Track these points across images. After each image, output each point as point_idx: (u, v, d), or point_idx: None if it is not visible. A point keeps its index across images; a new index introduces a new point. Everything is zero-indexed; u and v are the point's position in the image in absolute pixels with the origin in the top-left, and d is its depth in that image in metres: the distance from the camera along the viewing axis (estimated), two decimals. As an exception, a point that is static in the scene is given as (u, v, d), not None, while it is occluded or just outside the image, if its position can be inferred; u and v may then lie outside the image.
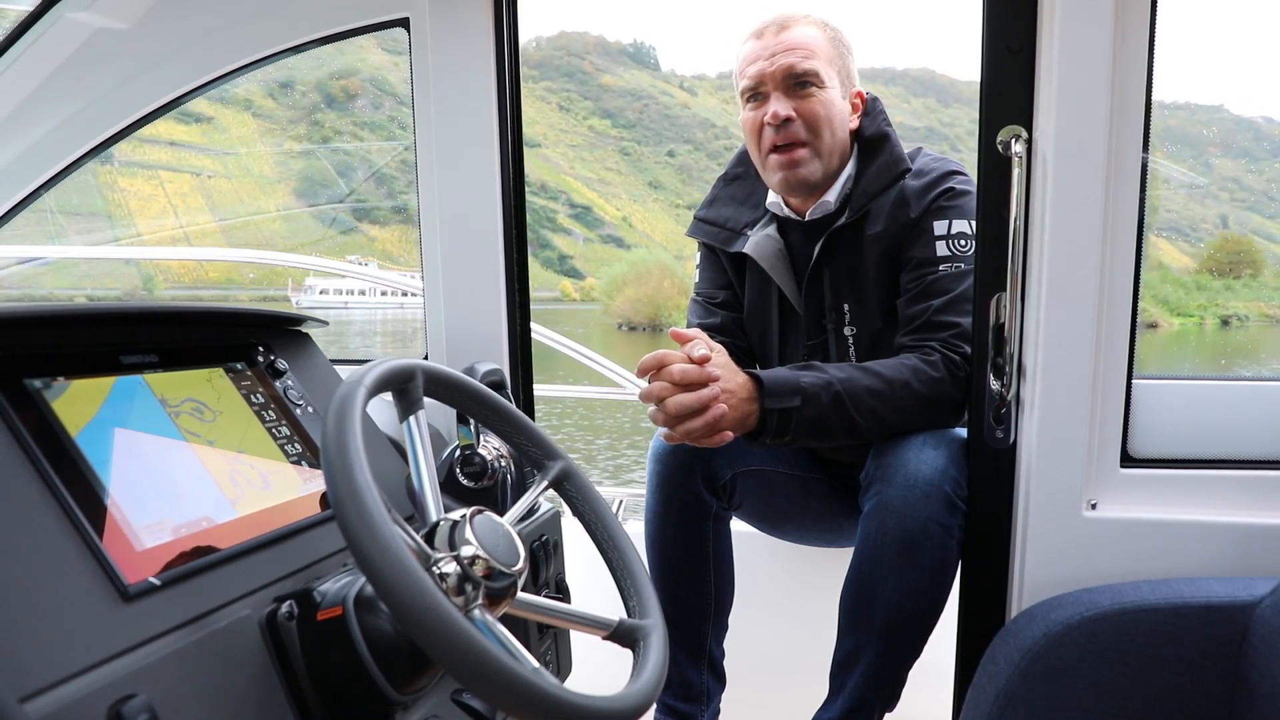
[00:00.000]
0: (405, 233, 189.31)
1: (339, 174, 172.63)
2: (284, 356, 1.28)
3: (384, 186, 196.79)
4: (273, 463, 1.12)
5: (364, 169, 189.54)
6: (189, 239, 30.39)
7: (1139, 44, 1.29)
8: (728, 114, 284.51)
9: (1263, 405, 1.42)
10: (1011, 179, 1.31)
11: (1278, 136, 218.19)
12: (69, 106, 1.89)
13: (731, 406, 1.45)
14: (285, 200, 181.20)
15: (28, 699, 0.67)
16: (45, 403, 0.88)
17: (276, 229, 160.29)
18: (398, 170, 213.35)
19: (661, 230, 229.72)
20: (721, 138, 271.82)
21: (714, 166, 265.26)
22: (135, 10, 1.78)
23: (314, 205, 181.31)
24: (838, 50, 1.69)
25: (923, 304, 1.59)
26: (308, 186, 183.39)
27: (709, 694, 1.75)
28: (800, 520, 1.86)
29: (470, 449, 1.44)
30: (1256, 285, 76.66)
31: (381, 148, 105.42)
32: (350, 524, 0.76)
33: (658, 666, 0.98)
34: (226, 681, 0.85)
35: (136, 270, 70.22)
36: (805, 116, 1.64)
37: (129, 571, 0.83)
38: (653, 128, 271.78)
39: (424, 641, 0.74)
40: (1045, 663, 1.24)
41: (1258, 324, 65.90)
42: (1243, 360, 33.48)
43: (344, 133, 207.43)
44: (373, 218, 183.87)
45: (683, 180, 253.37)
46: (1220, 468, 1.39)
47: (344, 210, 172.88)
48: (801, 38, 1.65)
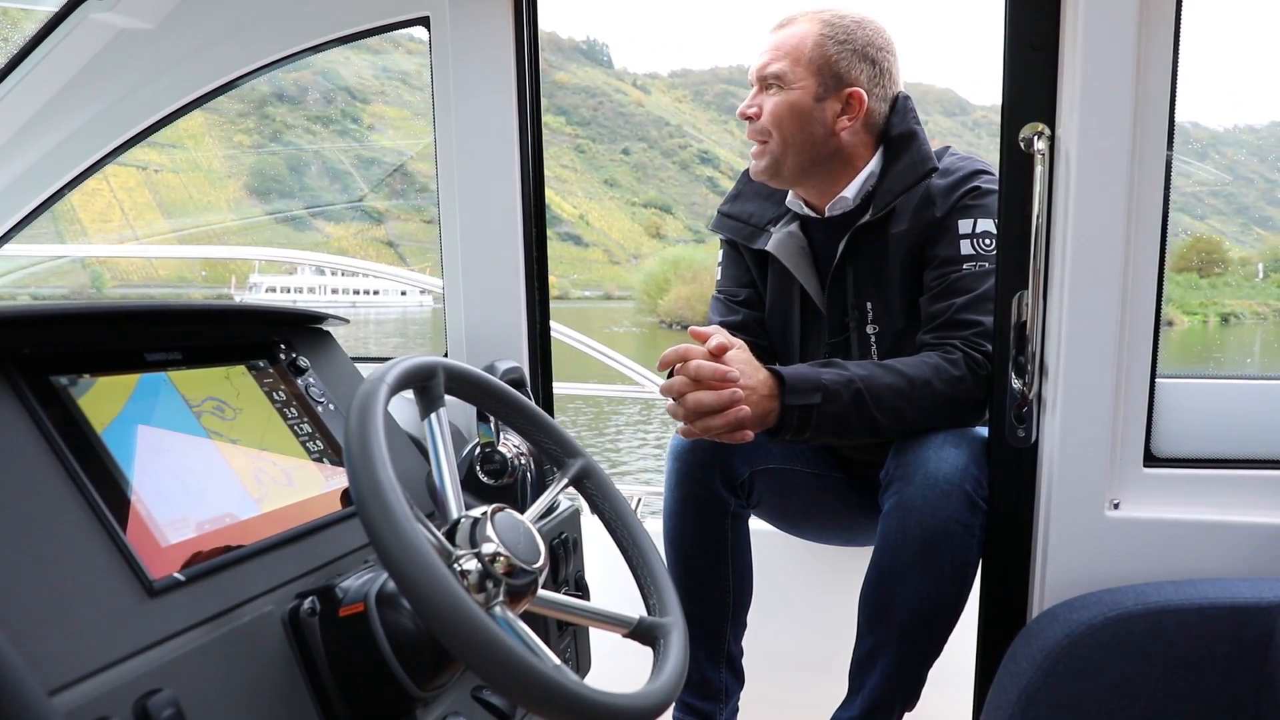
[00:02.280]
0: (362, 230, 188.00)
1: (291, 170, 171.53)
2: (305, 354, 1.29)
3: (338, 183, 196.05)
4: (295, 460, 1.13)
5: (318, 165, 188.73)
6: (137, 236, 29.95)
7: (1164, 40, 1.28)
8: (681, 112, 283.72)
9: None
10: (1034, 176, 1.30)
11: (1204, 140, 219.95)
12: (93, 107, 1.91)
13: (752, 403, 1.45)
14: (236, 196, 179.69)
15: (56, 692, 0.68)
16: (71, 399, 0.88)
17: (227, 225, 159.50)
18: (352, 167, 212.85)
19: (619, 228, 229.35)
20: (675, 136, 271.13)
21: (669, 165, 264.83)
22: (159, 11, 1.80)
23: (266, 201, 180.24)
24: (823, 50, 1.65)
25: (945, 302, 1.58)
26: (259, 182, 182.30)
27: (727, 692, 1.75)
28: (819, 519, 1.86)
29: (490, 446, 1.44)
30: (1237, 284, 76.53)
31: (335, 143, 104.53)
32: (373, 521, 0.76)
33: (678, 665, 0.98)
34: (250, 676, 0.86)
35: (83, 268, 69.32)
36: (766, 114, 1.69)
37: (154, 567, 0.84)
38: (607, 125, 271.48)
39: (446, 638, 0.74)
40: (1068, 663, 1.23)
41: (1252, 321, 66.13)
42: (1269, 357, 33.21)
43: (295, 127, 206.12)
44: (328, 215, 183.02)
45: (638, 178, 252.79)
46: (1245, 467, 1.37)
47: (299, 207, 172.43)
48: (784, 37, 1.68)
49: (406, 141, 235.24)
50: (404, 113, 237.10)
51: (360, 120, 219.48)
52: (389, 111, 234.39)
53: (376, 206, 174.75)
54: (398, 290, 78.43)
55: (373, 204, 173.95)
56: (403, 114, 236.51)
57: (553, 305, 1.85)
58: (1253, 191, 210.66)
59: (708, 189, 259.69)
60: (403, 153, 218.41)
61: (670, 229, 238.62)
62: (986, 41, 2.40)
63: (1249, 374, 1.44)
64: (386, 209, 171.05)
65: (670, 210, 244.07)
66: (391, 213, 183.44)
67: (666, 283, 70.32)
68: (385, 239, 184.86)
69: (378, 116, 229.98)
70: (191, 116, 1.91)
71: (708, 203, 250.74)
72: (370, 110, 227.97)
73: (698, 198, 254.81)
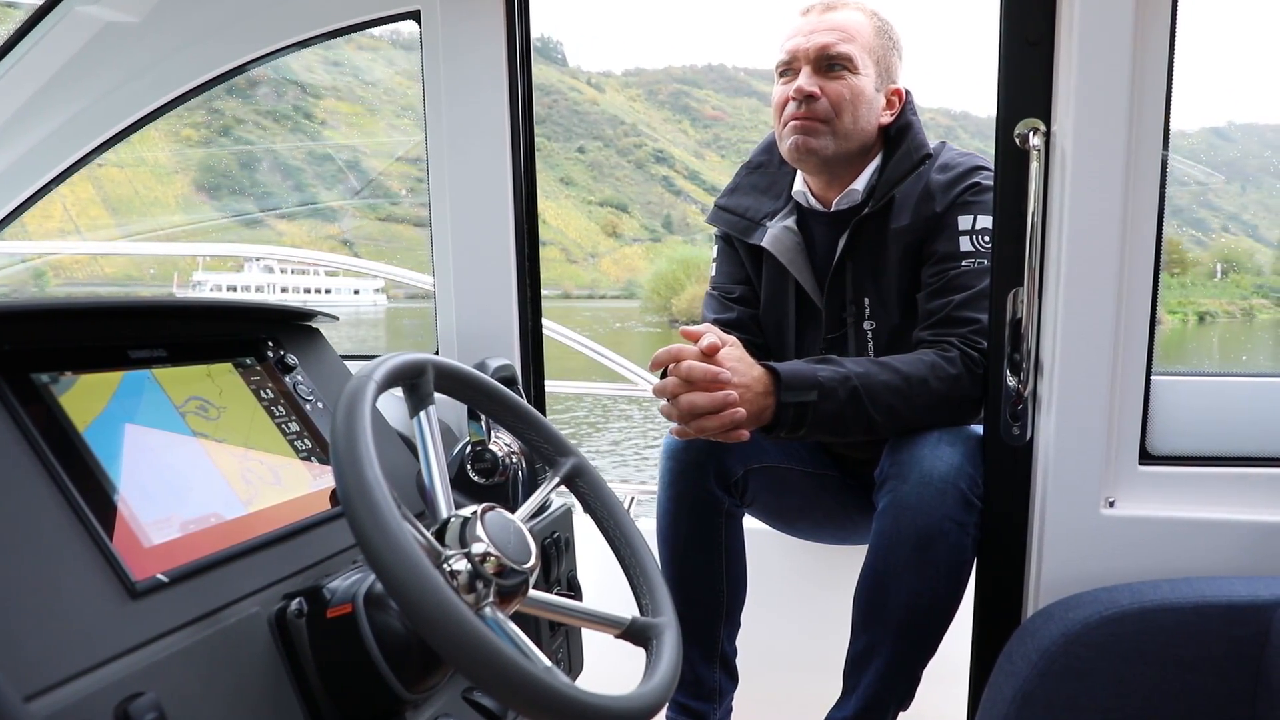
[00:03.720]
0: (315, 227, 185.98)
1: (242, 166, 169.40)
2: (294, 351, 1.27)
3: (291, 179, 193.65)
4: (282, 459, 1.12)
5: (269, 161, 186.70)
6: (80, 231, 29.13)
7: (1160, 36, 1.27)
8: (635, 111, 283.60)
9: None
10: (1029, 172, 1.29)
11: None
12: (80, 100, 1.89)
13: (747, 400, 1.43)
14: (184, 192, 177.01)
15: (33, 697, 0.67)
16: (52, 397, 0.87)
17: (176, 220, 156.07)
18: (304, 163, 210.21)
19: (575, 227, 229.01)
20: (630, 135, 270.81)
21: (624, 163, 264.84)
22: (145, 4, 1.78)
23: (216, 198, 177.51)
24: (881, 41, 1.67)
25: (943, 299, 1.58)
26: (209, 178, 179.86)
27: (721, 692, 1.74)
28: (814, 517, 1.85)
29: (481, 445, 1.43)
30: (1201, 283, 77.59)
31: (287, 140, 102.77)
32: (360, 521, 0.75)
33: (671, 665, 0.97)
34: (235, 679, 0.84)
35: (24, 265, 68.35)
36: (830, 96, 1.63)
37: (136, 568, 0.82)
38: (562, 123, 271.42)
39: (434, 640, 0.73)
40: (1064, 662, 1.22)
41: (1225, 320, 67.13)
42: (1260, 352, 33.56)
43: (246, 122, 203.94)
44: (281, 212, 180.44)
45: (593, 177, 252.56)
46: (1241, 465, 1.37)
47: (250, 203, 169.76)
48: (844, 21, 1.65)
49: (362, 138, 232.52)
50: (357, 108, 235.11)
51: (313, 116, 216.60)
52: (342, 107, 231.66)
53: (331, 204, 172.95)
54: (350, 289, 77.33)
55: (328, 201, 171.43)
56: (356, 109, 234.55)
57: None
58: (1186, 194, 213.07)
59: (663, 188, 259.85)
60: (357, 149, 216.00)
61: (627, 228, 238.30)
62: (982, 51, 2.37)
63: (1244, 371, 1.43)
64: (342, 206, 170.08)
65: (626, 209, 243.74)
66: (347, 210, 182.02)
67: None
68: (341, 237, 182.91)
69: (331, 112, 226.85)
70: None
71: (663, 202, 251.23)
72: (323, 105, 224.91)
73: (654, 196, 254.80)
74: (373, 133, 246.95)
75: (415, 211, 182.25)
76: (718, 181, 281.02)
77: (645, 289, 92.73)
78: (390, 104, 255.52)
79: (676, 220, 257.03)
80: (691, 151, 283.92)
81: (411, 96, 36.16)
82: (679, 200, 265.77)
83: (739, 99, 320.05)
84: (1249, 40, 50.57)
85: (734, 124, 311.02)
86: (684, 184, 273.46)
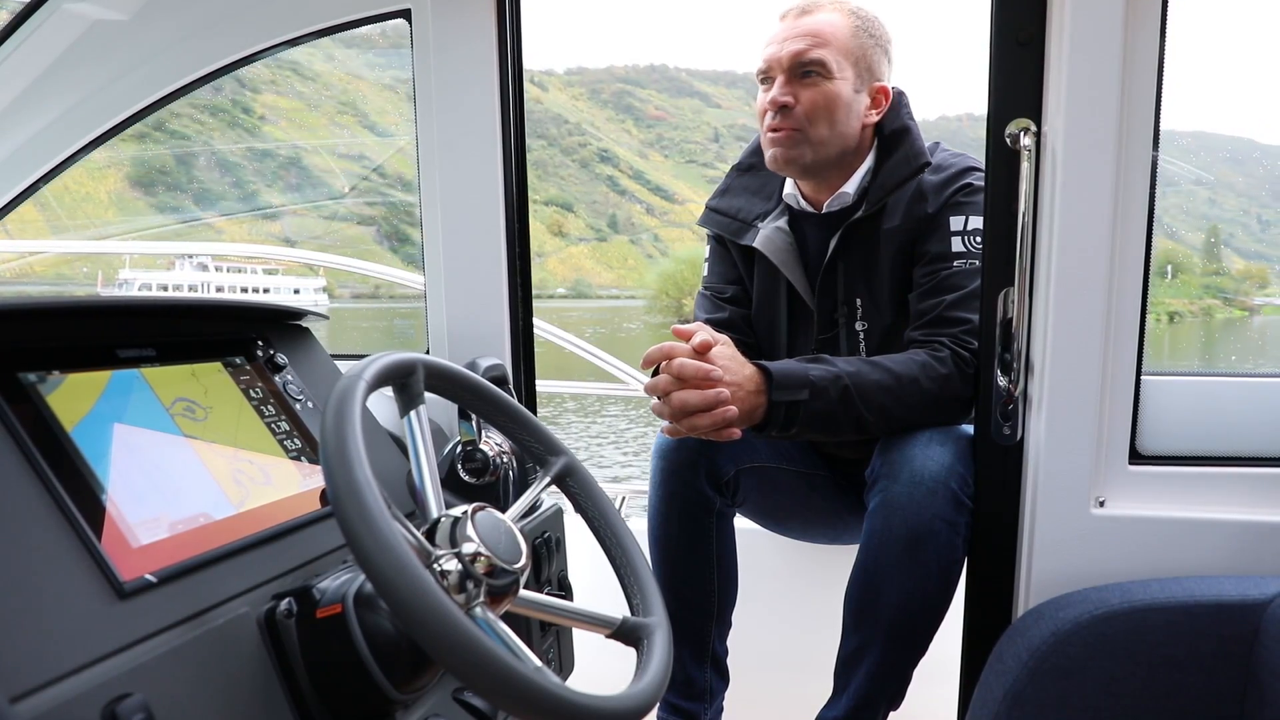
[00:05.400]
0: (255, 225, 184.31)
1: (179, 162, 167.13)
2: (284, 351, 1.27)
3: (230, 175, 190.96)
4: (272, 458, 1.11)
5: (207, 155, 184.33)
6: (7, 231, 28.59)
7: (1150, 36, 1.27)
8: (579, 110, 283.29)
9: (1273, 401, 1.40)
10: (1020, 172, 1.29)
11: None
12: (68, 98, 1.88)
13: (738, 399, 1.43)
14: (117, 187, 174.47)
15: (19, 698, 0.66)
16: (40, 397, 0.86)
17: (109, 217, 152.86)
18: (244, 159, 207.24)
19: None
20: (575, 134, 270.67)
21: (569, 163, 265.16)
22: (133, 2, 1.77)
23: (150, 194, 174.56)
24: (860, 41, 1.65)
25: (935, 299, 1.58)
26: (143, 173, 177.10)
27: (712, 692, 1.74)
28: (805, 517, 1.85)
29: (472, 445, 1.43)
30: (1158, 284, 79.20)
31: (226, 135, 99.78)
32: (349, 520, 0.75)
33: (662, 665, 0.97)
34: (224, 680, 0.84)
35: None
36: (804, 104, 1.63)
37: (125, 568, 0.82)
38: None
39: (424, 640, 0.72)
40: (1054, 661, 1.23)
41: (1190, 319, 67.96)
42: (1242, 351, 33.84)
43: (181, 115, 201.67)
44: (219, 209, 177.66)
45: (538, 176, 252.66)
46: (1231, 465, 1.37)
47: (187, 199, 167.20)
48: (817, 25, 1.63)
49: (302, 135, 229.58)
50: (297, 104, 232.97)
51: (252, 110, 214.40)
52: (282, 102, 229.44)
53: (271, 200, 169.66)
54: (290, 289, 76.24)
55: (267, 198, 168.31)
56: (296, 105, 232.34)
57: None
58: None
59: (608, 187, 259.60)
60: (297, 145, 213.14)
61: (572, 227, 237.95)
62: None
63: (1234, 371, 1.44)
64: (282, 203, 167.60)
65: (571, 208, 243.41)
66: (287, 207, 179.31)
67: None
68: (281, 235, 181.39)
69: (270, 107, 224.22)
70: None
71: (609, 201, 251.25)
72: (262, 100, 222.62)
73: (599, 196, 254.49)
74: (313, 129, 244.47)
75: (358, 210, 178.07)
76: (662, 181, 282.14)
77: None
78: (330, 99, 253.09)
79: (622, 220, 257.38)
80: (635, 151, 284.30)
81: (352, 93, 35.24)
82: (624, 200, 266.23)
83: (682, 99, 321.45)
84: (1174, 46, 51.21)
85: (677, 124, 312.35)
86: (629, 183, 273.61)
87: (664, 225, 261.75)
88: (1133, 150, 1.29)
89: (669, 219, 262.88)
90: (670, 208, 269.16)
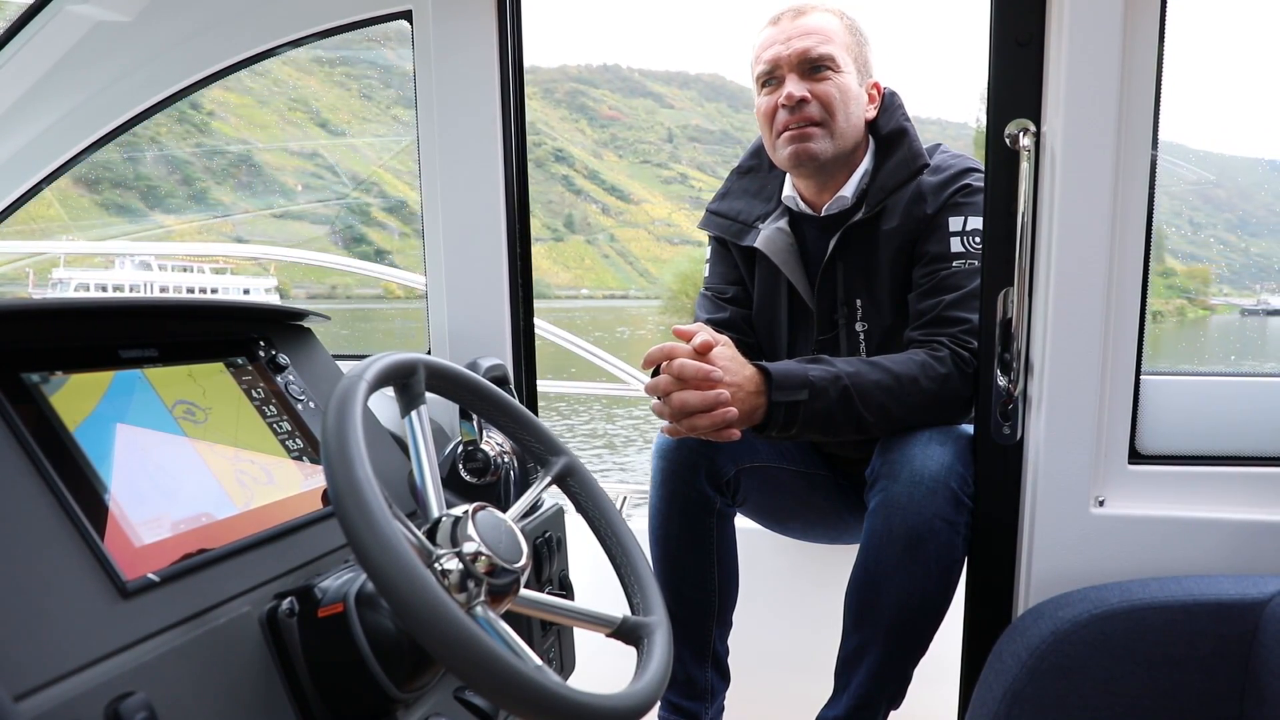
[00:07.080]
0: (208, 225, 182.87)
1: (125, 157, 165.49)
2: (285, 351, 1.27)
3: (179, 172, 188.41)
4: (273, 458, 1.12)
5: (153, 151, 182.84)
6: None
7: (1149, 37, 1.27)
8: (532, 109, 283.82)
9: (1272, 401, 1.40)
10: (1019, 172, 1.30)
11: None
12: (70, 100, 1.89)
13: (738, 400, 1.44)
14: (59, 184, 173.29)
15: (23, 697, 0.66)
16: (43, 397, 0.87)
17: (50, 214, 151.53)
18: (193, 155, 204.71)
19: None
20: (529, 133, 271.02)
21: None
22: (136, 3, 1.77)
23: (95, 191, 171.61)
24: (854, 38, 1.69)
25: (934, 299, 1.58)
26: (86, 168, 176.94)
27: (713, 691, 1.74)
28: (805, 517, 1.85)
29: (473, 444, 1.43)
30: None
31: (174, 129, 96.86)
32: (351, 520, 0.75)
33: (662, 664, 0.97)
34: (226, 679, 0.84)
35: None
36: (820, 98, 1.64)
37: (128, 568, 0.82)
38: None
39: (425, 639, 0.73)
40: (1054, 660, 1.23)
41: (1172, 320, 68.40)
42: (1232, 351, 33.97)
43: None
44: (166, 207, 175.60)
45: None
46: (1230, 464, 1.37)
47: (134, 197, 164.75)
48: (817, 23, 1.66)
49: (252, 131, 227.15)
50: (246, 100, 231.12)
51: (199, 105, 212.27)
52: (231, 98, 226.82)
53: (221, 198, 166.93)
54: (239, 289, 74.60)
55: (217, 196, 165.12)
56: (245, 101, 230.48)
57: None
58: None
59: (564, 187, 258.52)
60: (248, 141, 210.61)
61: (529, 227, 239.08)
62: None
63: (1233, 371, 1.44)
64: (233, 201, 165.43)
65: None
66: (239, 205, 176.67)
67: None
68: (233, 234, 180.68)
69: (219, 103, 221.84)
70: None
71: (564, 201, 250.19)
72: (210, 95, 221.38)
73: (554, 195, 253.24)
74: (264, 125, 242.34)
75: (311, 209, 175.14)
76: (617, 181, 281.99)
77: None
78: (281, 95, 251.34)
79: (578, 220, 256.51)
80: (590, 151, 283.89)
81: (303, 89, 34.85)
82: (579, 200, 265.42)
83: (635, 99, 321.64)
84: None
85: (630, 124, 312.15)
86: (584, 183, 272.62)
87: (620, 225, 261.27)
88: (1132, 150, 1.29)
89: (625, 219, 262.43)
90: (625, 208, 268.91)
